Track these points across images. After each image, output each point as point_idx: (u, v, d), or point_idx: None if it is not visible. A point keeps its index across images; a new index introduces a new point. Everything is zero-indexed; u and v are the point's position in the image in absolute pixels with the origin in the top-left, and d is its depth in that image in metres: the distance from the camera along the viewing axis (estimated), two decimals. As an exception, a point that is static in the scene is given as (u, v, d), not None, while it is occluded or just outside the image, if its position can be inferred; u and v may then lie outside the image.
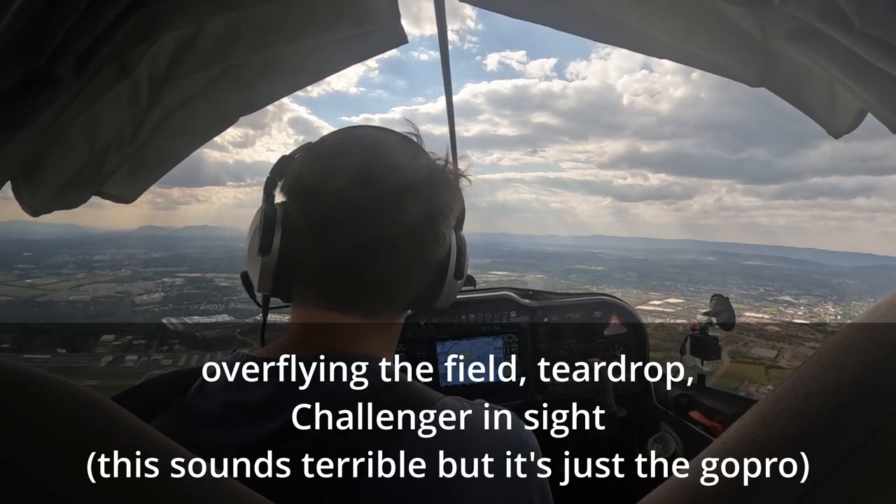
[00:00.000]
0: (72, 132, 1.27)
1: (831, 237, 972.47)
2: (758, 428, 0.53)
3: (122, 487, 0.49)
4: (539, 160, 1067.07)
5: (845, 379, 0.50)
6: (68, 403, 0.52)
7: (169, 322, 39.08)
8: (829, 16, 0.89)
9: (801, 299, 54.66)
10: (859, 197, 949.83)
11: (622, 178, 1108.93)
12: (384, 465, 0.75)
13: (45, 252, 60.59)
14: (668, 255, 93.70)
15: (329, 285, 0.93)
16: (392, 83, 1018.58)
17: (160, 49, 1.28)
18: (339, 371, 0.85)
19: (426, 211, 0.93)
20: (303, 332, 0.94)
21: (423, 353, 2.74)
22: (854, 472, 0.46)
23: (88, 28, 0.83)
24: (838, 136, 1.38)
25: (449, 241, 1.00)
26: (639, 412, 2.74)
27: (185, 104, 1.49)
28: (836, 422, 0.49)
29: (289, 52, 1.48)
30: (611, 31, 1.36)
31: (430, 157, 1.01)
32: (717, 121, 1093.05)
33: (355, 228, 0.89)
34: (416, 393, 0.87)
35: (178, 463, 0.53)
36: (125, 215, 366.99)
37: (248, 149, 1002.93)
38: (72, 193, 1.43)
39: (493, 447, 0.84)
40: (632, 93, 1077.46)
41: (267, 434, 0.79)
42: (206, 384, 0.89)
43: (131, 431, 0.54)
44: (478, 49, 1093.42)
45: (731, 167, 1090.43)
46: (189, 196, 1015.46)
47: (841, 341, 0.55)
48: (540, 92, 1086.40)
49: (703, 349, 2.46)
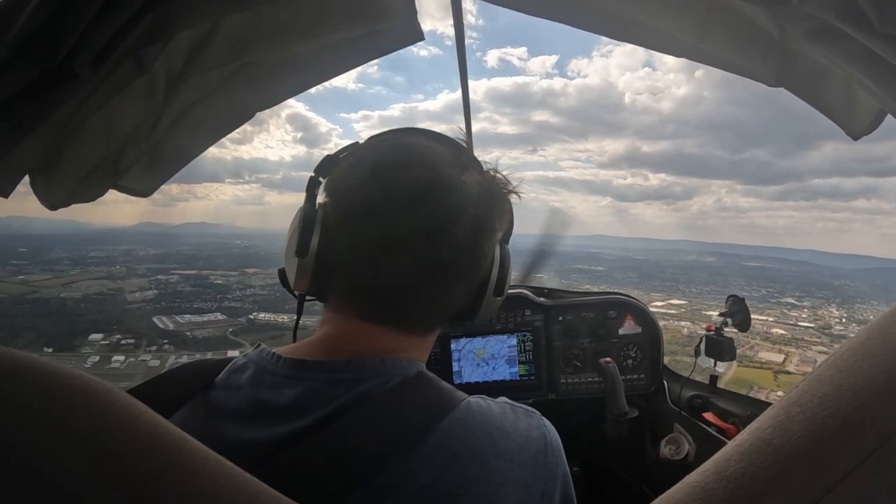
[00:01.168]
0: (89, 128, 1.28)
1: (830, 239, 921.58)
2: (772, 431, 0.52)
3: (136, 483, 0.49)
4: (539, 159, 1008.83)
5: (861, 383, 0.50)
6: (83, 397, 0.52)
7: (160, 321, 38.32)
8: (848, 15, 0.88)
9: (804, 301, 53.93)
10: (860, 199, 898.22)
11: (622, 178, 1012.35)
12: (408, 466, 0.75)
13: (40, 248, 60.33)
14: (668, 255, 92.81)
15: (366, 300, 0.90)
16: (391, 79, 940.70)
17: (176, 46, 1.29)
18: (366, 374, 0.84)
19: (472, 221, 0.90)
20: (334, 334, 0.91)
21: (437, 351, 2.74)
22: (867, 477, 0.46)
23: (105, 26, 0.84)
24: (857, 137, 1.36)
25: (492, 255, 0.97)
26: (652, 413, 2.73)
27: (201, 101, 1.50)
28: (850, 427, 0.48)
29: (304, 49, 1.48)
30: (625, 28, 1.35)
31: (481, 167, 0.99)
32: (720, 120, 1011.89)
33: (387, 229, 0.86)
34: (444, 393, 0.86)
35: (190, 457, 0.54)
36: (123, 211, 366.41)
37: (245, 145, 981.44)
38: (89, 187, 1.45)
39: (518, 446, 0.85)
40: (634, 91, 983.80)
41: (294, 433, 0.78)
42: (233, 380, 0.88)
43: (147, 426, 0.53)
44: (478, 45, 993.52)
45: (731, 167, 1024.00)
46: (187, 193, 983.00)
47: (856, 345, 0.54)
48: (541, 90, 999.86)
49: (718, 350, 2.44)
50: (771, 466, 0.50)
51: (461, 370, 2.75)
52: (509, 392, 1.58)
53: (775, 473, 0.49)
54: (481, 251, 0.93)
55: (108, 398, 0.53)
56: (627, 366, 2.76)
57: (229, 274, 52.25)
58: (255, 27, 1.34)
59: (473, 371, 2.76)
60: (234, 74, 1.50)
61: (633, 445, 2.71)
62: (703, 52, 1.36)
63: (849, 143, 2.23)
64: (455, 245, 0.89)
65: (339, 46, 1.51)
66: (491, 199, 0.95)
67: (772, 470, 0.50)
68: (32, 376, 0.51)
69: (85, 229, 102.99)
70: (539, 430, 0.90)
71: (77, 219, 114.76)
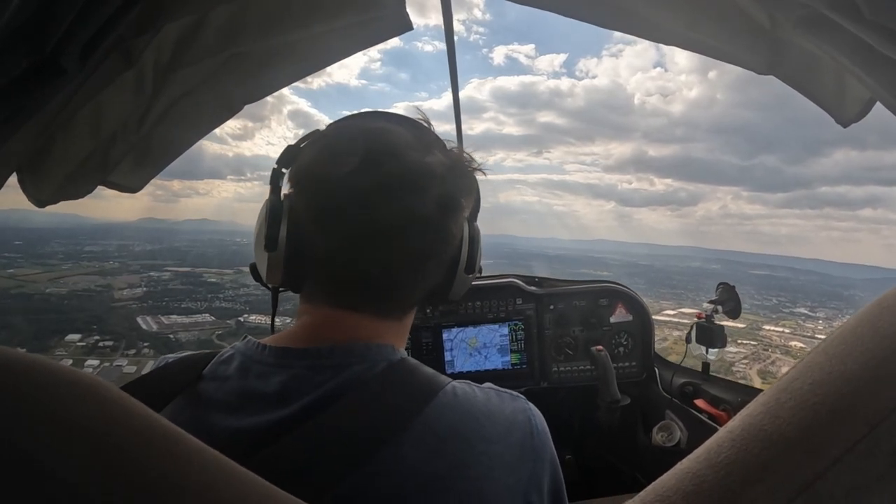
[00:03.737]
0: (77, 122, 1.27)
1: (834, 248, 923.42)
2: (763, 417, 0.53)
3: (131, 475, 0.49)
4: (544, 161, 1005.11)
5: (850, 370, 0.50)
6: (74, 391, 0.52)
7: (144, 321, 37.16)
8: (839, 3, 0.89)
9: (818, 312, 53.77)
10: (866, 208, 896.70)
11: (627, 183, 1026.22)
12: (398, 450, 0.76)
13: (36, 241, 58.97)
14: (673, 261, 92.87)
15: (337, 285, 0.91)
16: (394, 76, 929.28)
17: (164, 38, 1.28)
18: (351, 359, 0.85)
19: (438, 201, 0.90)
20: (314, 323, 0.92)
21: (429, 341, 2.76)
22: (857, 463, 0.46)
23: (92, 18, 0.83)
24: (846, 125, 1.37)
25: (461, 233, 0.97)
26: (644, 400, 2.76)
27: (189, 93, 1.49)
28: (840, 413, 0.49)
29: (293, 40, 1.47)
30: (616, 16, 1.35)
31: (444, 146, 0.99)
32: (731, 124, 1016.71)
33: (361, 218, 0.86)
34: (428, 378, 0.86)
35: (184, 449, 0.54)
36: (126, 206, 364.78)
37: (247, 142, 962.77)
38: (77, 183, 1.44)
39: (504, 430, 0.85)
40: (644, 92, 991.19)
41: (281, 421, 0.78)
42: (220, 371, 0.89)
43: (138, 419, 0.54)
44: (484, 41, 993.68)
45: (739, 173, 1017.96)
46: (189, 189, 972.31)
47: (846, 333, 0.55)
48: (548, 90, 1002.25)
49: (709, 337, 2.46)
50: (762, 452, 0.50)
51: (453, 360, 2.77)
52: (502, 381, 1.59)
53: (766, 459, 0.50)
54: (448, 230, 0.93)
55: (101, 392, 0.53)
56: (619, 353, 2.78)
57: (224, 272, 51.13)
58: (244, 17, 1.33)
59: (466, 360, 2.78)
60: (222, 66, 1.49)
61: (626, 433, 2.74)
62: (694, 40, 1.36)
63: (860, 150, 2.24)
64: (423, 227, 0.89)
65: (327, 36, 1.50)
66: (456, 178, 0.95)
67: (763, 456, 0.50)
68: (25, 371, 0.51)
69: (84, 223, 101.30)
70: (524, 414, 0.91)
71: (79, 213, 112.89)
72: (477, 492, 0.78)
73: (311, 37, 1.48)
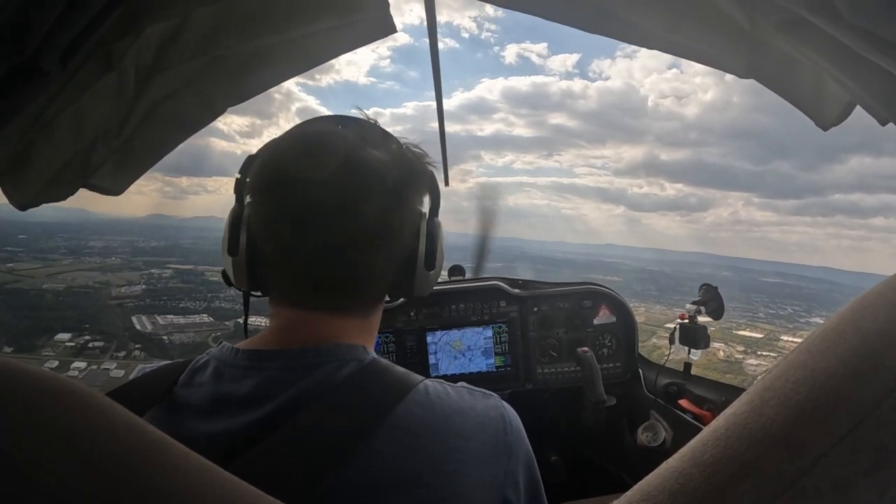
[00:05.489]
0: (58, 125, 1.25)
1: (844, 256, 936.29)
2: (747, 416, 0.53)
3: (118, 482, 0.49)
4: (554, 164, 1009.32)
5: (833, 367, 0.51)
6: (60, 398, 0.52)
7: (138, 321, 35.38)
8: (818, 6, 0.90)
9: None
10: (878, 216, 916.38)
11: (638, 187, 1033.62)
12: (371, 449, 0.77)
13: (40, 235, 57.57)
14: (683, 267, 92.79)
15: (295, 288, 0.93)
16: (404, 74, 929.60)
17: (146, 40, 1.26)
18: (322, 359, 0.86)
19: (381, 196, 0.91)
20: (283, 326, 0.94)
21: (413, 344, 2.75)
22: (842, 459, 0.47)
23: (74, 20, 0.82)
24: (826, 127, 1.39)
25: (415, 229, 0.99)
26: (628, 400, 2.77)
27: (171, 96, 1.48)
28: (823, 410, 0.49)
29: (276, 42, 1.47)
30: (598, 19, 1.36)
31: (390, 143, 0.99)
32: (746, 128, 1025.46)
33: (317, 223, 0.88)
34: (400, 377, 0.88)
35: (169, 455, 0.54)
36: (135, 202, 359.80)
37: (255, 139, 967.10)
38: (59, 186, 1.42)
39: (477, 425, 0.87)
40: (658, 94, 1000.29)
41: (255, 424, 0.80)
42: (195, 377, 0.90)
43: (123, 426, 0.54)
44: (496, 39, 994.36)
45: (752, 179, 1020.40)
46: (198, 186, 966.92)
47: (828, 330, 0.56)
48: (559, 91, 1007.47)
49: (693, 338, 2.48)
50: (747, 450, 0.51)
51: (438, 363, 2.77)
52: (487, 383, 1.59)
53: (751, 457, 0.50)
54: (394, 223, 0.94)
55: (86, 399, 0.53)
56: (603, 355, 2.79)
57: (226, 270, 49.87)
58: (226, 20, 1.32)
59: (450, 363, 2.77)
60: (204, 68, 1.48)
61: (611, 433, 2.75)
62: (675, 43, 1.37)
63: (875, 158, 2.26)
64: (366, 224, 0.90)
65: (310, 39, 1.50)
66: (402, 173, 0.95)
67: (748, 453, 0.51)
68: (10, 379, 0.50)
69: (91, 218, 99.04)
70: (497, 411, 0.92)
71: (89, 208, 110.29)
72: (451, 486, 0.79)
73: (294, 39, 1.48)
